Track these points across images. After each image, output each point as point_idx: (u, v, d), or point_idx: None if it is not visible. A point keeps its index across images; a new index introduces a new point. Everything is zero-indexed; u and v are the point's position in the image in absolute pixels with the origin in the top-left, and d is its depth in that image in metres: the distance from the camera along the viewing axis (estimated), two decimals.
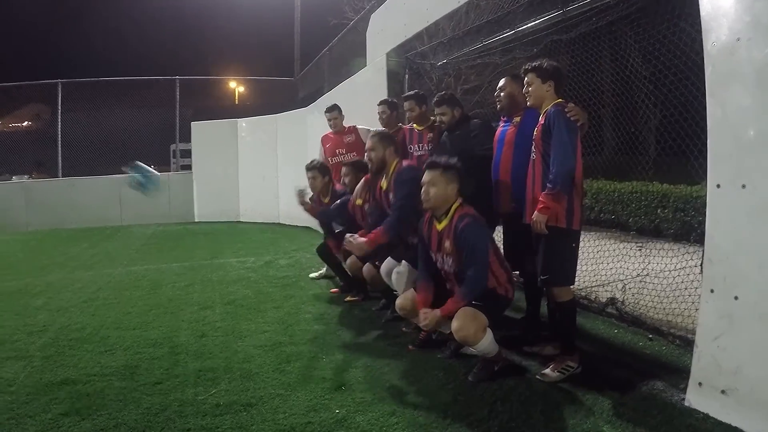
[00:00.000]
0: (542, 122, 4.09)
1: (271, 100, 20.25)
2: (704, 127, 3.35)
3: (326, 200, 6.86)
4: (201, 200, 16.57)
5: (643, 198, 9.84)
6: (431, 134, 5.95)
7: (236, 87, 27.32)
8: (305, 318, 5.97)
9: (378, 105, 6.71)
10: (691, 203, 8.64)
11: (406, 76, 8.22)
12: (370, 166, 5.52)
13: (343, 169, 6.24)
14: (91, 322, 6.06)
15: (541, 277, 4.10)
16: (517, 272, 5.06)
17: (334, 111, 7.90)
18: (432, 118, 5.96)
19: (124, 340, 5.39)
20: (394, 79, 8.11)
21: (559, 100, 4.13)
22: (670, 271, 5.62)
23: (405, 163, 5.34)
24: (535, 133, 4.19)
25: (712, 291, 3.24)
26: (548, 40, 6.25)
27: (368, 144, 5.42)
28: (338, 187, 6.66)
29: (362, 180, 5.96)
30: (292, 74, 20.00)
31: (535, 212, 3.95)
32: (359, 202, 6.03)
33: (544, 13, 5.95)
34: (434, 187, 4.18)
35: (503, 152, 4.75)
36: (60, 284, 8.16)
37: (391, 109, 6.65)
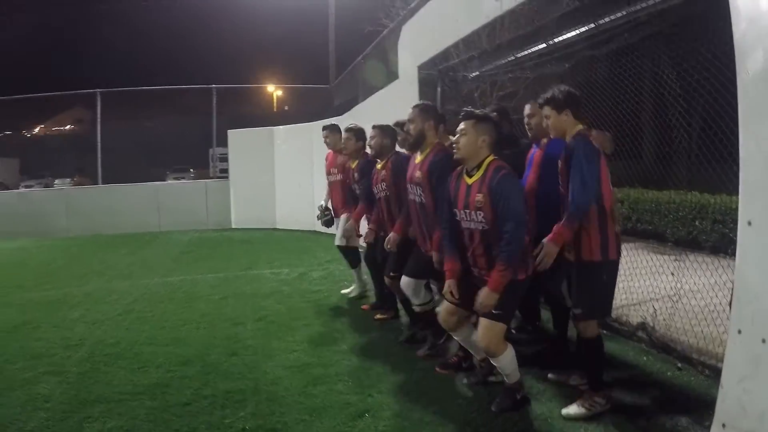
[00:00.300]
0: (564, 154, 4.11)
1: (307, 108, 20.48)
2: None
3: (354, 165, 6.88)
4: (238, 207, 16.84)
5: (680, 209, 9.68)
6: None
7: (273, 94, 27.61)
8: (334, 337, 6.07)
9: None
10: (729, 214, 8.42)
11: (439, 89, 8.23)
12: (406, 139, 5.31)
13: (371, 131, 6.11)
14: (125, 337, 6.26)
15: (573, 311, 4.09)
16: (542, 298, 5.06)
17: (325, 130, 8.06)
18: (451, 137, 6.00)
19: (157, 357, 5.56)
20: (426, 91, 8.10)
21: (580, 127, 4.12)
22: (704, 291, 5.49)
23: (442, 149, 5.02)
24: (560, 165, 4.19)
25: (739, 332, 3.19)
26: (581, 56, 6.24)
27: (408, 115, 5.12)
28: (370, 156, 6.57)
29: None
30: (328, 81, 20.15)
31: (546, 241, 3.95)
32: (379, 166, 5.95)
33: (577, 26, 5.95)
34: (465, 137, 4.14)
35: (530, 174, 4.81)
36: (97, 294, 8.40)
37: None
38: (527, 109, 4.90)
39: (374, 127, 6.05)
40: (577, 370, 4.47)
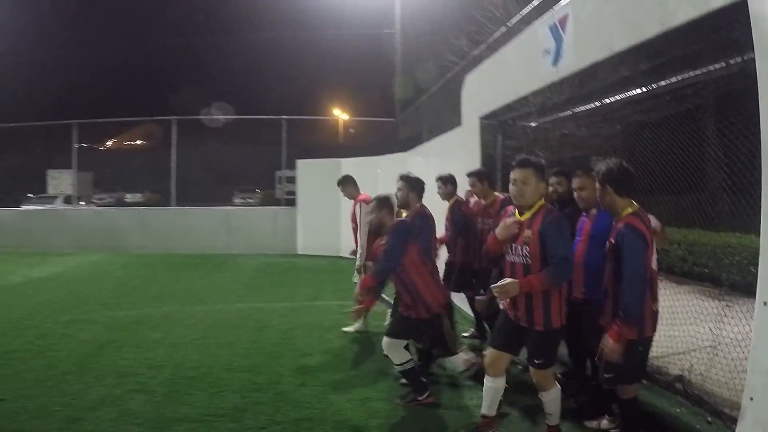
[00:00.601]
0: (613, 241, 4.43)
1: (373, 140, 21.24)
2: None
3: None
4: (304, 234, 17.67)
5: (735, 253, 9.70)
6: (492, 209, 6.63)
7: (340, 124, 28.47)
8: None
9: (467, 176, 7.32)
10: None
11: (499, 137, 8.71)
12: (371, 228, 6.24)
13: (398, 183, 6.74)
14: (204, 362, 7.00)
15: (605, 375, 4.45)
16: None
17: (339, 185, 9.03)
18: (496, 194, 6.61)
19: (233, 383, 6.27)
20: (487, 141, 8.58)
21: (630, 211, 4.44)
22: (746, 341, 5.53)
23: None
24: (607, 245, 4.54)
25: (751, 399, 3.70)
26: (632, 119, 6.67)
27: (397, 184, 6.07)
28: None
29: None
30: (393, 114, 20.74)
31: (609, 339, 4.24)
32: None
33: (626, 90, 6.41)
34: (527, 185, 4.46)
35: (580, 242, 5.21)
36: (174, 318, 9.25)
37: (480, 179, 7.24)
38: (576, 182, 5.30)
39: (401, 177, 6.51)
40: (608, 412, 4.93)
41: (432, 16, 19.81)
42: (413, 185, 6.07)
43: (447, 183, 7.58)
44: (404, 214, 6.37)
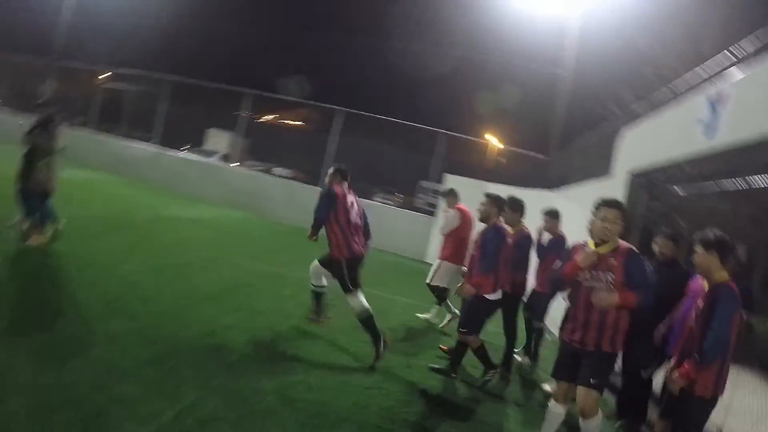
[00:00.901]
0: (708, 302, 4.81)
1: (521, 171, 21.65)
2: None
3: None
4: (437, 244, 18.37)
5: None
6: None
7: (492, 150, 28.83)
8: (474, 365, 7.41)
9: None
10: None
11: (644, 196, 8.88)
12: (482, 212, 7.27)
13: (483, 199, 7.41)
14: (327, 324, 7.83)
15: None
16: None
17: (443, 195, 11.68)
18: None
19: (350, 347, 7.23)
20: (633, 197, 8.70)
21: (726, 277, 4.82)
22: None
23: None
24: (700, 304, 4.93)
25: None
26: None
27: (482, 200, 7.32)
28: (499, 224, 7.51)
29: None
30: (545, 150, 20.80)
31: (676, 374, 4.76)
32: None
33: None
34: (615, 225, 5.06)
35: (694, 305, 5.30)
36: (306, 283, 9.96)
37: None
38: (698, 250, 5.66)
39: (486, 195, 7.49)
40: None
41: (604, 64, 19.91)
42: (495, 202, 7.26)
43: (554, 218, 8.50)
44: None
